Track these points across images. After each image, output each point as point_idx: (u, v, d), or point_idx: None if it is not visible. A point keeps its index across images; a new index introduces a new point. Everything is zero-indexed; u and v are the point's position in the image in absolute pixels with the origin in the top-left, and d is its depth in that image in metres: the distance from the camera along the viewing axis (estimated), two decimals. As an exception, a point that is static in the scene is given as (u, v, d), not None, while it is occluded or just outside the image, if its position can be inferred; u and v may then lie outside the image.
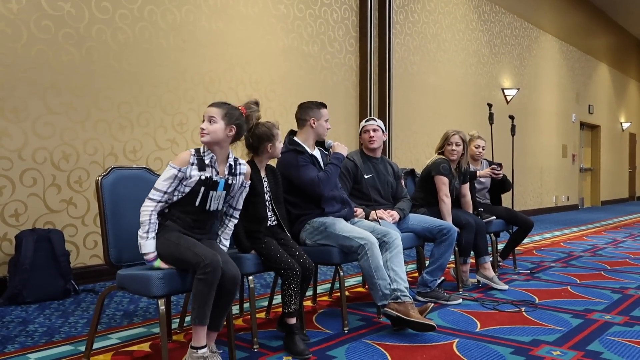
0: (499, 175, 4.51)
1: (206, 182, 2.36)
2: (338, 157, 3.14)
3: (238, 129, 2.45)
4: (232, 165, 2.49)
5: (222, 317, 2.38)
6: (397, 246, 3.08)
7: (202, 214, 2.42)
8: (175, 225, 2.38)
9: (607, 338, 2.84)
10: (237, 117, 2.45)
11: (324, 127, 3.20)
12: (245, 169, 2.54)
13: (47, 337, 2.86)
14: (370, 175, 3.67)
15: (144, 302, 3.60)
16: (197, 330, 2.27)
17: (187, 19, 4.91)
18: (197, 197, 2.37)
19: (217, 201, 2.43)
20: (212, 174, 2.39)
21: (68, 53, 4.14)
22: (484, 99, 9.02)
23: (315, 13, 6.23)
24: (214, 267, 2.20)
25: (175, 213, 2.39)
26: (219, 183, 2.39)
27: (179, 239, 2.32)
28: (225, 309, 2.37)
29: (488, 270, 4.03)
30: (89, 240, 4.28)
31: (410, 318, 2.82)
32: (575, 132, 13.28)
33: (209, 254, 2.23)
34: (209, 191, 2.38)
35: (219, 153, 2.44)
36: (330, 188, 3.08)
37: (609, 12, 14.54)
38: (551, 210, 11.80)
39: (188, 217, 2.40)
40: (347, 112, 6.65)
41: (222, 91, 5.20)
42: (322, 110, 3.20)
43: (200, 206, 2.38)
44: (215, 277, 2.21)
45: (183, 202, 2.39)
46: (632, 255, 5.73)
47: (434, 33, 8.22)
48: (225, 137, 2.41)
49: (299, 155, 3.08)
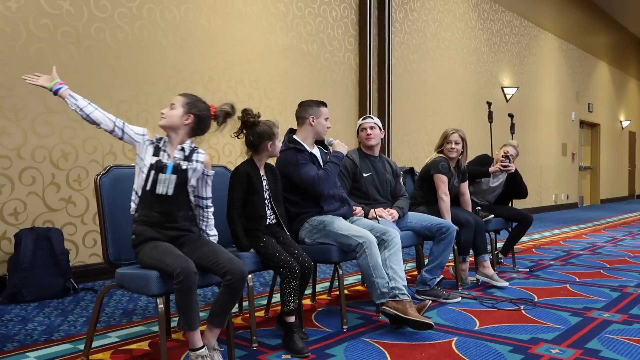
0: (510, 167, 4.48)
1: (155, 166, 2.38)
2: (338, 155, 3.14)
3: (197, 120, 2.47)
4: (186, 151, 2.46)
5: (227, 314, 2.37)
6: (395, 244, 3.08)
7: (163, 205, 2.38)
8: (146, 229, 2.37)
9: (606, 336, 2.84)
10: (199, 109, 2.48)
11: (323, 125, 3.20)
12: (204, 158, 2.50)
13: (47, 336, 2.86)
14: (369, 173, 3.67)
15: (143, 301, 3.61)
16: (189, 335, 2.28)
17: (186, 17, 4.91)
18: (148, 180, 2.37)
19: (166, 185, 2.37)
20: (162, 157, 2.40)
21: (67, 52, 4.14)
22: (483, 98, 9.01)
23: (315, 11, 6.22)
24: (186, 274, 2.18)
25: (142, 213, 2.39)
26: (167, 166, 2.38)
27: (152, 251, 2.31)
28: (230, 306, 2.36)
29: (487, 268, 4.04)
30: (88, 238, 4.28)
31: (408, 316, 2.82)
32: (575, 130, 13.28)
33: (178, 263, 2.21)
34: (158, 174, 2.37)
35: (174, 139, 2.46)
36: (330, 186, 3.08)
37: (608, 11, 14.53)
38: (551, 209, 11.80)
39: (152, 212, 2.38)
40: (347, 111, 6.65)
41: (221, 90, 5.20)
42: (321, 109, 3.20)
43: (151, 190, 2.37)
44: (190, 284, 2.20)
45: (142, 196, 2.39)
46: (631, 253, 5.74)
47: (434, 31, 8.21)
48: (181, 124, 2.45)
49: (298, 153, 3.08)
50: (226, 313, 2.36)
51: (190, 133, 2.50)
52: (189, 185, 2.46)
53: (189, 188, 2.47)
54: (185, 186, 2.45)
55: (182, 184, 2.43)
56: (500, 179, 4.66)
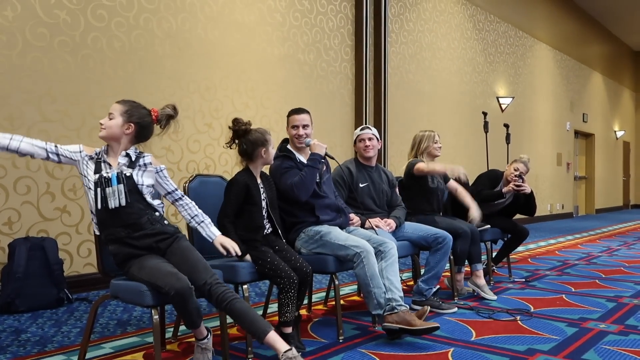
0: (523, 188, 4.34)
1: (99, 182, 2.32)
2: (314, 157, 3.09)
3: (139, 128, 2.41)
4: (132, 157, 2.41)
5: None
6: (392, 255, 3.08)
7: (123, 217, 2.33)
8: (118, 247, 2.34)
9: (602, 347, 2.84)
10: (139, 116, 2.41)
11: (290, 133, 3.19)
12: (150, 158, 2.48)
13: (40, 347, 2.84)
14: (366, 184, 3.67)
15: (138, 311, 3.58)
16: (193, 331, 2.42)
17: (183, 27, 4.92)
18: (98, 199, 2.32)
19: (116, 197, 2.30)
20: (104, 171, 2.34)
21: (63, 61, 4.13)
22: (479, 108, 9.06)
23: (311, 21, 6.25)
24: (181, 295, 2.20)
25: (106, 233, 2.37)
26: (111, 177, 2.32)
27: (140, 271, 2.29)
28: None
29: (479, 278, 4.03)
30: (82, 248, 4.26)
31: (414, 327, 2.81)
32: (569, 140, 13.34)
33: (171, 283, 2.19)
34: (104, 189, 2.32)
35: (116, 149, 2.41)
36: (307, 192, 3.03)
37: (602, 22, 14.66)
38: (546, 219, 11.83)
39: (116, 228, 2.34)
40: (343, 120, 6.67)
41: (217, 99, 5.20)
42: (289, 118, 3.21)
43: (104, 206, 2.31)
44: (185, 300, 2.23)
45: (100, 217, 2.35)
46: (626, 263, 5.75)
47: (429, 41, 8.26)
48: (121, 134, 2.39)
49: (284, 160, 3.09)
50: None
51: (132, 141, 2.44)
52: (143, 187, 2.39)
53: (144, 190, 2.39)
54: (138, 191, 2.38)
55: (134, 189, 2.36)
56: (509, 195, 4.56)
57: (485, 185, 4.57)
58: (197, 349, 2.45)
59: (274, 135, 3.02)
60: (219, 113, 5.20)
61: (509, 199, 4.61)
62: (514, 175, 4.42)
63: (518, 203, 4.63)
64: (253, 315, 2.31)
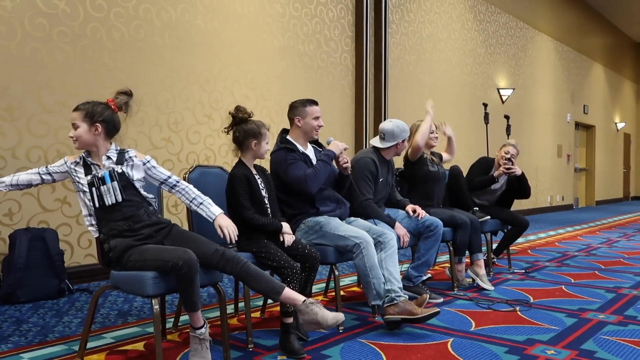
0: (513, 170, 4.42)
1: (92, 182, 2.37)
2: (329, 154, 3.10)
3: (106, 125, 2.41)
4: (115, 156, 2.45)
5: None
6: (392, 246, 3.09)
7: (121, 211, 2.38)
8: (119, 240, 2.36)
9: (601, 337, 2.85)
10: (100, 114, 2.40)
11: (310, 124, 3.15)
12: (133, 152, 2.50)
13: (41, 337, 2.85)
14: (382, 178, 3.66)
15: (139, 302, 3.59)
16: (191, 315, 2.38)
17: (182, 17, 4.90)
18: (94, 199, 2.37)
19: (112, 193, 2.36)
20: (95, 171, 2.39)
21: (62, 51, 4.12)
22: (479, 99, 9.04)
23: (311, 12, 6.22)
24: (189, 265, 2.21)
25: (106, 229, 2.39)
26: (104, 176, 2.37)
27: (142, 254, 2.31)
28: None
29: (480, 267, 4.05)
30: (83, 239, 4.26)
31: (416, 316, 2.83)
32: (570, 132, 13.32)
33: (178, 254, 2.22)
34: (99, 188, 2.36)
35: (96, 152, 2.43)
36: (318, 185, 3.04)
37: (603, 13, 14.59)
38: (546, 210, 11.84)
39: (117, 222, 2.38)
40: (343, 112, 6.65)
41: (217, 90, 5.19)
42: (307, 108, 3.15)
43: (101, 205, 2.37)
44: (193, 272, 2.24)
45: (98, 215, 2.39)
46: (626, 254, 5.76)
47: (430, 33, 8.23)
48: (93, 137, 2.40)
49: (288, 152, 3.07)
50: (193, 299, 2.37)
51: (107, 138, 2.45)
52: (135, 182, 2.44)
53: (136, 184, 2.45)
54: (132, 185, 2.43)
55: (128, 184, 2.41)
56: (502, 180, 4.63)
57: (478, 174, 4.61)
58: (193, 339, 2.41)
59: (274, 127, 3.02)
60: (218, 104, 5.19)
61: (503, 184, 4.65)
62: (504, 158, 4.46)
63: (512, 187, 4.65)
64: (268, 276, 2.43)
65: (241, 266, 2.37)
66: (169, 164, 4.77)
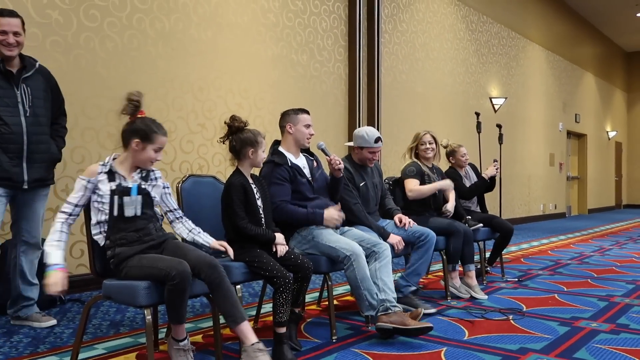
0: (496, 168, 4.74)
1: (117, 190, 2.41)
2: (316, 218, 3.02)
3: (142, 134, 2.47)
4: (144, 172, 2.54)
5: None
6: (386, 257, 3.09)
7: (135, 223, 2.44)
8: (125, 249, 2.39)
9: (594, 346, 2.86)
10: (136, 130, 2.47)
11: (302, 132, 3.15)
12: (159, 174, 2.62)
13: (32, 348, 2.83)
14: (363, 182, 3.66)
15: (131, 312, 3.57)
16: (175, 328, 2.42)
17: (176, 27, 4.91)
18: (114, 207, 2.40)
19: (134, 206, 2.43)
20: (121, 181, 2.44)
21: (55, 61, 4.11)
22: (471, 108, 9.08)
23: (305, 22, 6.25)
24: (182, 277, 2.23)
25: (117, 237, 2.41)
26: (132, 188, 2.44)
27: (140, 261, 2.35)
28: None
29: (471, 278, 4.06)
30: (75, 249, 4.24)
31: (407, 327, 2.82)
32: (562, 140, 13.41)
33: (173, 265, 2.25)
34: (122, 197, 2.41)
35: (125, 162, 2.50)
36: (281, 219, 3.00)
37: (594, 23, 14.75)
38: (539, 219, 11.88)
39: (128, 233, 2.42)
40: (336, 121, 6.67)
41: (210, 99, 5.20)
42: (299, 116, 3.16)
43: (120, 213, 2.40)
44: (184, 284, 2.25)
45: (112, 223, 2.41)
46: (618, 263, 5.78)
47: (423, 42, 8.28)
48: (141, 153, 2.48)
49: (276, 168, 3.04)
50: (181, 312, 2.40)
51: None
52: (155, 200, 2.54)
53: (154, 202, 2.54)
54: (151, 202, 2.51)
55: (148, 201, 2.49)
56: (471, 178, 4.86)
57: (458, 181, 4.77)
58: (177, 352, 2.42)
59: (268, 137, 3.01)
60: (212, 113, 5.19)
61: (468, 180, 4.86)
62: (494, 164, 4.73)
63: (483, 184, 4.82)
64: (237, 302, 2.39)
65: (216, 276, 2.34)
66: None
